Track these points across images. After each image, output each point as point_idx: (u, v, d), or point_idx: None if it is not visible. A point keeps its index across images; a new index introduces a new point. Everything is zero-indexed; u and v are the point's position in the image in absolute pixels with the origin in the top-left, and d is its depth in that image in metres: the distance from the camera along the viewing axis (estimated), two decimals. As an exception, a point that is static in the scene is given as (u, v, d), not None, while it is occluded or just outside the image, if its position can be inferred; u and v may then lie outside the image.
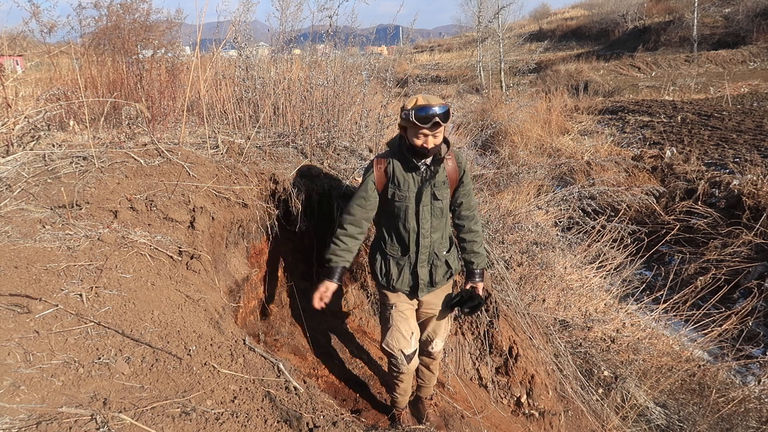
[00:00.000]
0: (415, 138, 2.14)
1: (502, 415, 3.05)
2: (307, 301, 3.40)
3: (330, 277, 2.29)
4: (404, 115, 2.11)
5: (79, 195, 2.24)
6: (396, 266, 2.34)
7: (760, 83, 19.23)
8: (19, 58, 7.00)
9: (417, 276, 2.34)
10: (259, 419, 1.36)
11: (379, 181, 2.24)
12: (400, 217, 2.27)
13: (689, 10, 28.11)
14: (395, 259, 2.34)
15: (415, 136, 2.13)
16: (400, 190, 2.23)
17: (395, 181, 2.23)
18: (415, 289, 2.37)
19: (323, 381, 2.91)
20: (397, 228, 2.30)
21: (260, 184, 2.91)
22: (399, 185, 2.23)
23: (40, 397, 1.28)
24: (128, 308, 1.69)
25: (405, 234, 2.29)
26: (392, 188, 2.24)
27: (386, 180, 2.24)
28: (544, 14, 46.23)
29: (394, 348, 2.38)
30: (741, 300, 5.75)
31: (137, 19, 4.54)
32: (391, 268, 2.35)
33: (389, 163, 2.24)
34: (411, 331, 2.41)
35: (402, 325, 2.40)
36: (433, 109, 2.05)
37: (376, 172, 2.24)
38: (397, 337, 2.38)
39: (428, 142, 2.12)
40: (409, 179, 2.23)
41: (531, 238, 4.64)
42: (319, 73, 3.83)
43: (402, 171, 2.23)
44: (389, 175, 2.24)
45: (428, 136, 2.12)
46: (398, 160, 2.24)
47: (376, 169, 2.24)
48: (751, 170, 8.47)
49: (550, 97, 16.60)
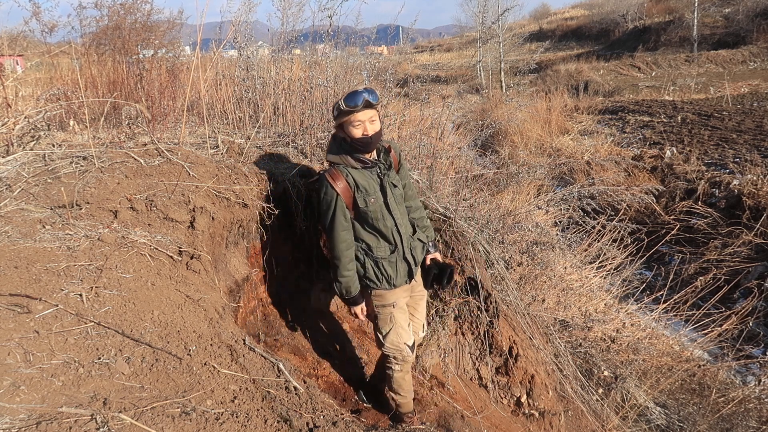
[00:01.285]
0: (353, 129, 2.15)
1: (502, 415, 3.05)
2: (307, 301, 3.40)
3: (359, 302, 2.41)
4: (336, 112, 2.15)
5: (79, 195, 2.24)
6: (390, 264, 2.36)
7: (760, 83, 19.23)
8: (19, 58, 7.00)
9: (407, 262, 2.41)
10: (259, 419, 1.36)
11: (346, 196, 2.20)
12: (378, 218, 2.28)
13: (689, 10, 28.11)
14: (386, 258, 2.35)
15: (353, 126, 2.14)
16: (369, 194, 2.23)
17: (361, 189, 2.22)
18: (411, 274, 2.44)
19: (323, 381, 2.91)
20: (378, 229, 2.31)
21: (260, 184, 2.91)
22: (366, 190, 2.22)
23: (40, 397, 1.28)
24: (128, 308, 1.69)
25: (387, 231, 2.32)
26: (360, 196, 2.22)
27: (351, 192, 2.21)
28: (544, 14, 46.24)
29: (399, 343, 2.45)
30: (741, 300, 5.75)
31: (138, 19, 4.55)
32: (386, 269, 2.35)
33: (347, 175, 2.21)
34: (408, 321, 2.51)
35: (403, 320, 2.47)
36: (361, 93, 2.09)
37: (340, 189, 2.18)
38: (399, 332, 2.45)
39: (368, 129, 2.15)
40: (370, 180, 2.25)
41: (531, 238, 4.65)
42: (319, 73, 3.83)
43: (361, 176, 2.23)
44: (352, 185, 2.21)
45: (364, 122, 2.14)
46: (351, 167, 2.23)
47: (336, 186, 2.18)
48: (751, 170, 8.47)
49: (550, 97, 16.60)
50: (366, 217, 2.27)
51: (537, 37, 36.59)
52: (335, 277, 2.32)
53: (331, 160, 2.27)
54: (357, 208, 2.24)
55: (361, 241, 2.34)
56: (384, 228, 2.30)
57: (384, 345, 2.48)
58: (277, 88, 3.78)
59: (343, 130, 2.20)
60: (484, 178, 5.86)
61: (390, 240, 2.34)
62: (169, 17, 5.50)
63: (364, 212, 2.25)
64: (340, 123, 2.19)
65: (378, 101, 2.15)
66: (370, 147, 2.21)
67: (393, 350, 2.47)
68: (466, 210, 3.94)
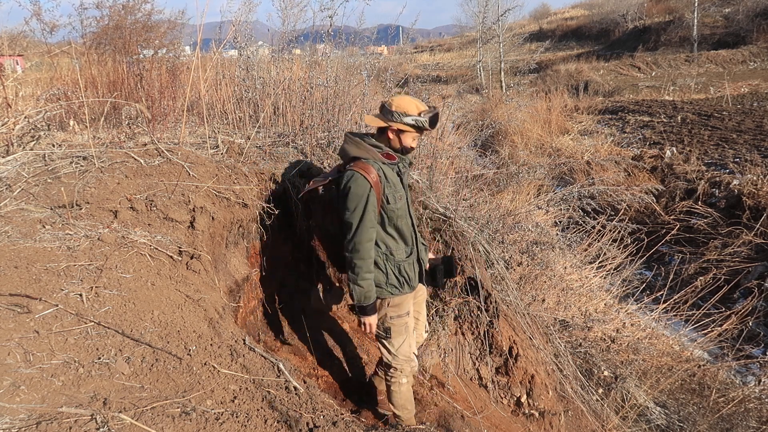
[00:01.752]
0: (410, 140, 2.21)
1: (502, 415, 3.05)
2: (307, 301, 3.40)
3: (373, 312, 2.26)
4: (412, 121, 2.14)
5: (79, 195, 2.24)
6: (409, 266, 2.31)
7: (760, 83, 19.22)
8: (19, 58, 7.00)
9: (420, 263, 2.39)
10: (259, 419, 1.36)
11: (377, 190, 2.14)
12: (401, 215, 2.25)
13: (689, 10, 28.10)
14: (405, 261, 2.29)
15: (412, 138, 2.20)
16: (396, 190, 2.21)
17: (390, 184, 2.20)
18: (421, 276, 2.42)
19: (323, 381, 2.91)
20: (400, 229, 2.26)
21: (260, 184, 2.91)
22: (394, 186, 2.21)
23: (40, 397, 1.28)
24: (128, 308, 1.69)
25: (406, 231, 2.29)
26: (390, 191, 2.19)
27: (382, 186, 2.17)
28: (544, 14, 46.22)
29: (410, 354, 2.39)
30: (741, 300, 5.75)
31: (139, 19, 4.54)
32: (406, 271, 2.29)
33: (378, 168, 2.17)
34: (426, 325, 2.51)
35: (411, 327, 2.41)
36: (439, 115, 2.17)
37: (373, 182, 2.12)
38: (411, 343, 2.40)
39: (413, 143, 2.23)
40: (394, 176, 2.23)
41: (531, 237, 4.65)
42: (320, 73, 3.83)
43: (389, 171, 2.22)
44: (382, 179, 2.18)
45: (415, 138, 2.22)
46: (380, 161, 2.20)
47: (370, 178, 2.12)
48: (751, 170, 8.47)
49: (550, 97, 16.60)
50: (391, 215, 2.21)
51: (537, 37, 36.58)
52: (355, 280, 2.17)
53: (358, 155, 2.18)
54: (382, 205, 2.19)
55: (381, 245, 2.25)
56: (405, 227, 2.27)
57: (396, 357, 2.37)
58: (277, 88, 3.78)
59: (395, 133, 2.20)
60: (484, 178, 5.86)
61: (407, 240, 2.30)
62: (170, 17, 5.50)
63: (390, 210, 2.19)
64: (400, 129, 2.18)
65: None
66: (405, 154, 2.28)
67: (403, 362, 2.37)
68: (466, 210, 3.94)
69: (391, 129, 2.20)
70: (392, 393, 2.48)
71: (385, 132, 2.23)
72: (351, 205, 2.12)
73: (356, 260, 2.15)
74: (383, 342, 2.40)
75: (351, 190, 2.12)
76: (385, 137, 2.24)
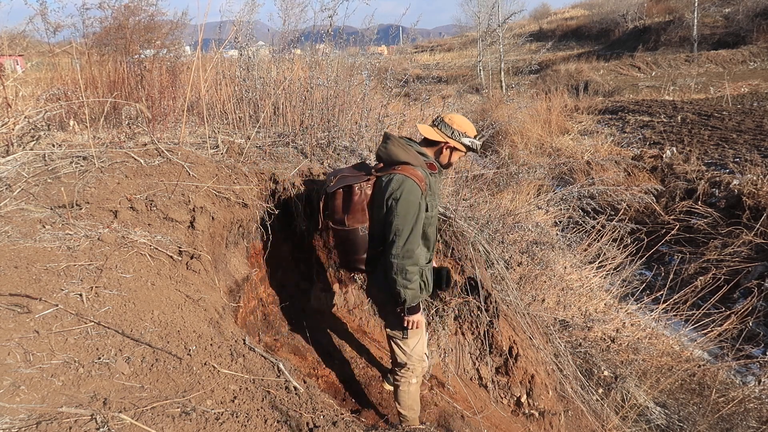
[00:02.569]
0: (457, 159, 2.34)
1: (502, 415, 3.05)
2: (307, 301, 3.40)
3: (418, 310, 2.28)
4: (469, 142, 2.28)
5: (79, 195, 2.24)
6: (429, 271, 2.36)
7: (760, 83, 19.22)
8: (19, 58, 7.00)
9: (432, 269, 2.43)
10: (259, 419, 1.36)
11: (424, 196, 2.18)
12: (432, 223, 2.28)
13: (689, 10, 28.09)
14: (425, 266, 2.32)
15: (460, 158, 2.33)
16: (434, 198, 2.26)
17: (432, 192, 2.23)
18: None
19: (323, 381, 2.91)
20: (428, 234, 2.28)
21: (260, 184, 2.91)
22: (434, 194, 2.26)
23: (40, 397, 1.28)
24: (128, 308, 1.69)
25: (433, 237, 2.33)
26: (431, 199, 2.22)
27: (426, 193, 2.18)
28: (544, 14, 46.20)
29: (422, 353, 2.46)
30: (741, 300, 5.75)
31: (141, 21, 4.53)
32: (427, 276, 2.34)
33: (426, 176, 2.20)
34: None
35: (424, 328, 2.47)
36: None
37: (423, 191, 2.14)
38: (423, 342, 2.47)
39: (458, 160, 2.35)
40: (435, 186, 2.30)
41: (531, 237, 4.64)
42: (320, 73, 3.83)
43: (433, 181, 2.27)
44: (428, 188, 2.19)
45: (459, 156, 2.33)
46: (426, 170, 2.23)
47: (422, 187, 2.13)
48: (751, 170, 8.47)
49: (550, 97, 16.60)
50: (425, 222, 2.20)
51: (537, 37, 36.57)
52: (406, 285, 2.14)
53: (407, 160, 2.16)
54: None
55: None
56: (432, 234, 2.30)
57: (411, 357, 2.41)
58: (278, 88, 3.78)
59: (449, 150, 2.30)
60: (484, 177, 5.85)
61: (430, 247, 2.33)
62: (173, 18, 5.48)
63: (427, 217, 2.20)
64: (455, 147, 2.28)
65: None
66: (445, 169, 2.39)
67: (416, 362, 2.44)
68: (466, 210, 3.94)
69: (447, 145, 2.29)
70: (400, 393, 2.52)
71: (437, 145, 2.30)
72: (402, 211, 2.09)
73: (408, 266, 2.12)
74: (398, 342, 2.43)
75: (403, 196, 2.09)
76: (436, 150, 2.31)
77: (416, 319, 2.28)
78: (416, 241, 2.13)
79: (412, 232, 2.10)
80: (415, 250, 2.13)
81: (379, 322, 3.51)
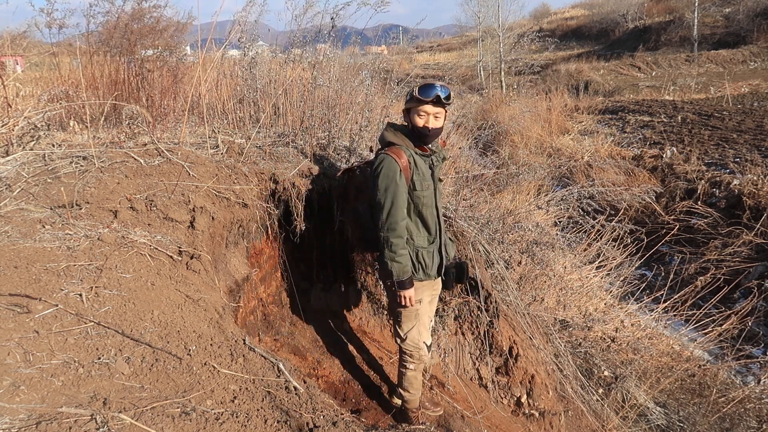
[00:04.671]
0: (417, 117, 2.24)
1: (502, 415, 3.05)
2: (307, 301, 3.40)
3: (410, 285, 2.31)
4: (408, 96, 2.25)
5: (79, 195, 2.24)
6: (428, 254, 2.37)
7: (760, 83, 19.22)
8: (19, 58, 7.00)
9: (441, 256, 2.42)
10: (259, 419, 1.36)
11: (406, 173, 2.23)
12: (426, 204, 2.31)
13: (689, 9, 28.08)
14: (425, 248, 2.36)
15: (418, 114, 2.23)
16: (424, 178, 2.29)
17: (419, 171, 2.28)
18: (440, 270, 2.44)
19: (323, 381, 2.91)
20: (424, 217, 2.33)
21: (260, 184, 2.91)
22: (423, 174, 2.29)
23: (40, 397, 1.28)
24: (128, 308, 1.69)
25: (430, 220, 2.34)
26: (418, 178, 2.27)
27: (411, 172, 2.26)
28: (544, 14, 46.18)
29: (418, 341, 2.47)
30: (741, 300, 5.75)
31: (146, 23, 4.52)
32: (424, 258, 2.35)
33: (409, 155, 2.26)
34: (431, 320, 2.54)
35: (426, 318, 2.50)
36: (436, 87, 2.17)
37: (403, 165, 2.21)
38: (421, 330, 2.47)
39: (429, 122, 2.22)
40: (424, 167, 2.31)
41: (531, 237, 4.64)
42: (321, 73, 3.83)
43: (420, 160, 2.29)
44: (412, 165, 2.26)
45: (429, 115, 2.22)
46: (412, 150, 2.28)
47: (400, 161, 2.21)
48: (751, 170, 8.46)
49: (550, 96, 16.60)
50: (417, 201, 2.29)
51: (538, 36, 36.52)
52: (393, 257, 2.24)
53: (392, 140, 2.27)
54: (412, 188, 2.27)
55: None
56: (429, 216, 2.33)
57: (405, 342, 2.48)
58: (278, 88, 3.78)
59: (408, 115, 2.29)
60: (484, 178, 5.85)
61: (431, 230, 2.37)
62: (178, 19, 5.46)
63: (416, 196, 2.28)
64: (408, 108, 2.28)
65: (449, 102, 2.23)
66: (426, 140, 2.28)
67: (412, 347, 2.48)
68: (466, 210, 3.94)
69: (404, 111, 2.32)
70: (399, 373, 2.62)
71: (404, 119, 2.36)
72: (382, 186, 2.21)
73: (392, 238, 2.23)
74: (395, 323, 2.50)
75: (382, 171, 2.21)
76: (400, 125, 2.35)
77: (407, 294, 2.31)
78: (399, 215, 2.22)
79: (393, 205, 2.20)
80: (399, 222, 2.22)
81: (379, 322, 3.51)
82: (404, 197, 2.23)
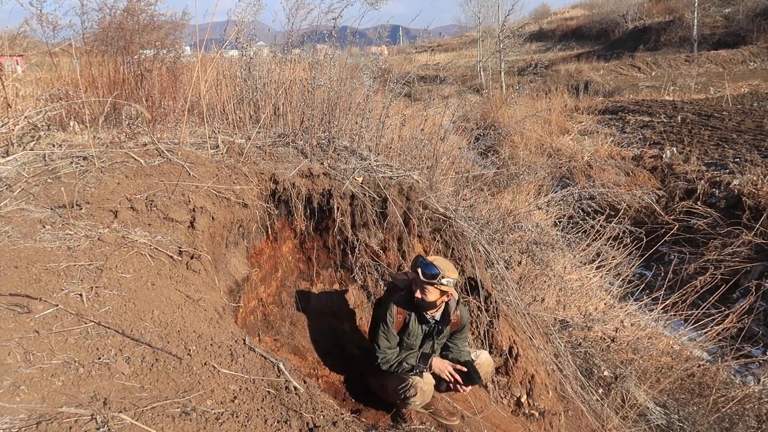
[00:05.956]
0: (418, 289, 2.44)
1: (502, 415, 3.05)
2: (307, 301, 3.40)
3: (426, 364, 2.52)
4: (413, 267, 2.44)
5: (79, 195, 2.24)
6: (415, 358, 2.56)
7: (760, 83, 19.22)
8: (19, 58, 7.00)
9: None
10: (259, 419, 1.36)
11: (396, 326, 2.54)
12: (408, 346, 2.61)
13: (689, 10, 28.07)
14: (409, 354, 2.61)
15: (419, 288, 2.43)
16: (409, 338, 2.56)
17: (408, 332, 2.55)
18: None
19: (323, 381, 2.91)
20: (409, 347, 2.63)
21: (260, 184, 2.91)
22: (410, 335, 2.55)
23: (40, 397, 1.28)
24: (128, 308, 1.69)
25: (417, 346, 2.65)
26: (405, 333, 2.56)
27: (401, 327, 2.55)
28: (544, 14, 46.15)
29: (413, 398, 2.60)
30: (740, 300, 5.75)
31: (141, 20, 4.52)
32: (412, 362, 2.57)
33: (408, 315, 2.53)
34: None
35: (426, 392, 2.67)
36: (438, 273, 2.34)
37: (396, 320, 2.51)
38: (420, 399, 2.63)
39: (427, 296, 2.42)
40: (418, 330, 2.55)
41: (531, 237, 4.64)
42: (321, 73, 3.83)
43: (415, 323, 2.54)
44: (404, 324, 2.54)
45: (427, 292, 2.42)
46: (414, 313, 2.53)
47: (396, 318, 2.51)
48: (751, 170, 8.46)
49: (550, 97, 16.59)
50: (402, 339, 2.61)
51: (537, 37, 36.57)
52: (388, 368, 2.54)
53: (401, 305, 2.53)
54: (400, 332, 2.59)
55: None
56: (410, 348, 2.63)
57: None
58: (278, 88, 3.78)
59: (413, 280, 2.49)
60: (484, 178, 5.85)
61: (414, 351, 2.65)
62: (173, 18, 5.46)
63: (402, 338, 2.59)
64: (414, 278, 2.45)
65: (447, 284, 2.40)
66: (419, 309, 2.51)
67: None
68: (466, 210, 3.94)
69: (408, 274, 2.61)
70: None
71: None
72: (373, 320, 2.73)
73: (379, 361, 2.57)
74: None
75: (377, 311, 2.64)
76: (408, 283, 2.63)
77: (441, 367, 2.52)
78: (382, 345, 2.53)
79: (377, 339, 2.55)
80: (383, 351, 2.53)
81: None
82: (389, 341, 2.55)
